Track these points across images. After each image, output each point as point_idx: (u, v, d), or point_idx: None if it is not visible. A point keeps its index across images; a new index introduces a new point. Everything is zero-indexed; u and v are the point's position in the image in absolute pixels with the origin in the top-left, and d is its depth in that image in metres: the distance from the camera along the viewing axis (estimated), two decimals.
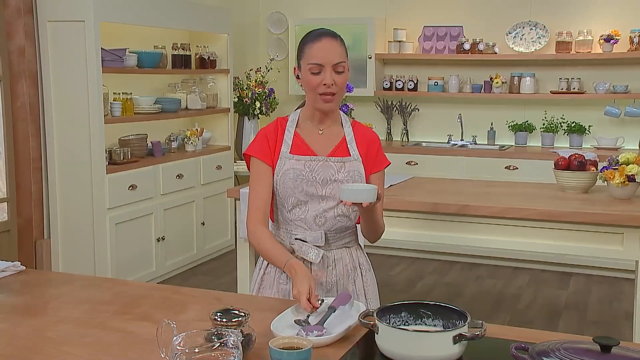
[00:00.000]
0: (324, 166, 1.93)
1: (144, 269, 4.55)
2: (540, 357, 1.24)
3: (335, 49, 1.88)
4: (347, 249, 2.00)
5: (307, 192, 1.92)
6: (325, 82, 1.86)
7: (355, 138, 1.99)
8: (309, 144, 1.96)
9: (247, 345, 1.48)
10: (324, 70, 1.86)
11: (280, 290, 1.98)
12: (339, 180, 1.92)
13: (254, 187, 1.93)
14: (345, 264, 1.99)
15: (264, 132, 1.98)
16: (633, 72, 5.06)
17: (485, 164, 5.13)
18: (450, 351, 1.43)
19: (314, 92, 1.89)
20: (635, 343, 1.56)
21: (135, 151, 4.59)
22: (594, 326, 3.96)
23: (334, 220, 1.95)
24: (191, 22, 5.06)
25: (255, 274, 2.06)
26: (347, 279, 1.99)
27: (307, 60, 1.89)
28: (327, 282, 1.96)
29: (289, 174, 1.92)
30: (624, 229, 2.78)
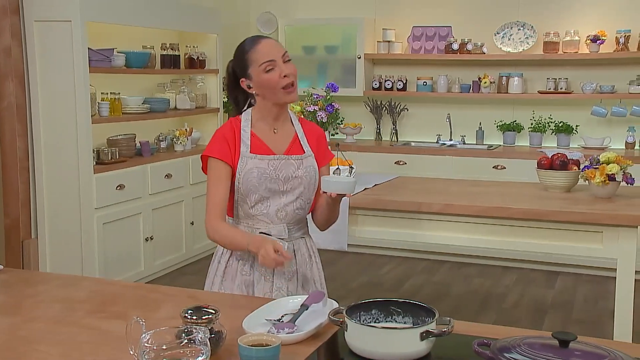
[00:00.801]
0: (286, 164, 2.02)
1: (132, 268, 4.56)
2: (501, 353, 1.26)
3: (275, 43, 2.01)
4: (303, 239, 2.12)
5: (270, 188, 2.00)
6: (284, 72, 1.95)
7: (306, 134, 2.10)
8: (266, 143, 2.03)
9: (217, 342, 1.49)
10: (276, 65, 1.95)
11: (244, 281, 2.05)
12: (299, 177, 2.03)
13: (214, 187, 1.99)
14: (302, 253, 2.11)
15: (221, 133, 2.01)
16: (619, 72, 5.09)
17: (473, 164, 5.15)
18: (417, 347, 1.45)
19: (275, 89, 1.97)
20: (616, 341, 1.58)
21: (124, 151, 4.60)
22: (578, 324, 3.98)
23: (293, 213, 2.05)
24: (180, 22, 5.07)
25: (212, 268, 2.11)
26: (305, 267, 2.11)
27: (257, 63, 1.96)
28: (289, 272, 2.06)
29: (253, 172, 1.98)
30: (603, 228, 2.81)
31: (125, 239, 4.49)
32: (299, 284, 2.10)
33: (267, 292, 2.04)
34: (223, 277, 2.06)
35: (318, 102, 3.59)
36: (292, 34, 5.89)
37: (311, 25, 5.84)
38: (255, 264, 2.05)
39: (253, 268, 2.05)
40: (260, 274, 2.04)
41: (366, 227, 3.18)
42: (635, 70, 5.04)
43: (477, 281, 4.84)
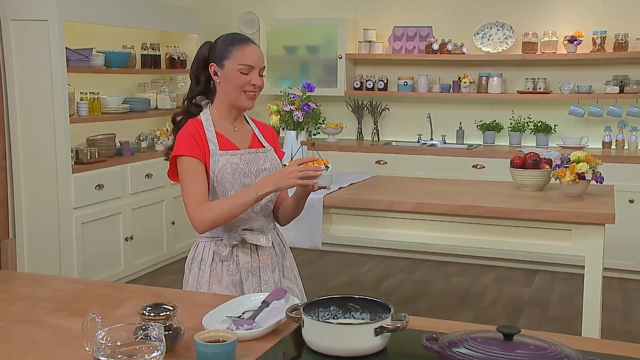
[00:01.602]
0: (255, 157, 2.07)
1: (112, 268, 4.56)
2: (449, 347, 1.29)
3: (261, 55, 2.06)
4: (275, 230, 2.17)
5: (244, 183, 2.02)
6: (255, 82, 2.01)
7: (261, 132, 2.17)
8: (230, 139, 2.06)
9: (175, 338, 1.51)
10: (252, 72, 2.00)
11: (232, 281, 2.06)
12: (267, 169, 2.08)
13: (192, 182, 1.97)
14: (278, 244, 2.17)
15: (188, 132, 2.00)
16: (596, 72, 5.15)
17: (453, 163, 5.18)
18: (372, 343, 1.47)
19: (238, 90, 2.01)
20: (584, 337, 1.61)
21: (103, 151, 4.60)
22: (553, 321, 4.03)
23: (265, 206, 2.09)
24: (161, 22, 5.08)
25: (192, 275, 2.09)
26: (282, 258, 2.17)
27: (238, 61, 1.99)
28: (272, 263, 2.12)
29: (227, 168, 2.00)
30: (572, 226, 2.85)
31: (105, 239, 4.49)
32: (281, 274, 2.15)
33: (256, 287, 2.06)
34: (210, 282, 2.06)
35: (295, 102, 3.61)
36: (273, 34, 5.91)
37: (293, 25, 5.86)
38: (240, 261, 2.06)
39: (239, 266, 2.06)
40: (247, 270, 2.06)
41: (340, 225, 3.20)
42: (611, 70, 5.09)
43: (456, 280, 4.88)
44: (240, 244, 2.07)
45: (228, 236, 2.06)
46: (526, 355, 1.23)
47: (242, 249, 2.07)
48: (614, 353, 1.44)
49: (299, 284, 2.23)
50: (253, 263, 2.07)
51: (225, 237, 2.06)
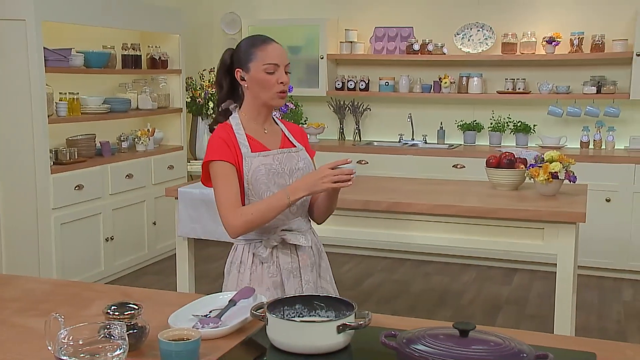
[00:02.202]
0: (288, 157, 2.07)
1: (92, 269, 4.55)
2: (407, 344, 1.31)
3: (284, 52, 2.06)
4: (311, 231, 2.16)
5: (279, 183, 2.03)
6: (282, 80, 2.00)
7: (290, 132, 2.15)
8: (261, 142, 2.06)
9: (140, 337, 1.52)
10: (278, 70, 2.00)
11: (272, 283, 2.05)
12: (301, 169, 2.07)
13: (225, 187, 1.97)
14: (315, 243, 2.15)
15: (219, 137, 2.01)
16: (574, 73, 5.20)
17: (434, 163, 5.22)
18: (334, 340, 1.49)
19: (270, 91, 2.00)
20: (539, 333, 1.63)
21: (83, 151, 4.59)
22: (530, 319, 4.07)
23: (301, 206, 2.09)
24: (141, 22, 5.08)
25: (231, 279, 2.08)
26: (319, 257, 2.16)
27: (262, 61, 1.99)
28: (311, 263, 2.11)
29: (261, 170, 2.00)
30: (544, 224, 2.88)
31: (85, 240, 4.49)
32: (318, 275, 2.15)
33: (297, 288, 2.06)
34: (250, 284, 2.04)
35: None
36: (255, 34, 5.90)
37: (275, 25, 5.87)
38: (280, 262, 2.06)
39: (279, 267, 2.06)
40: (289, 271, 2.06)
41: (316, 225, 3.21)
42: (589, 71, 5.15)
43: (436, 279, 4.92)
44: (280, 245, 2.06)
45: (267, 238, 2.05)
46: (481, 350, 1.26)
47: (282, 250, 2.06)
48: (567, 347, 1.47)
49: (333, 285, 2.22)
50: (293, 264, 2.07)
51: (264, 239, 2.05)
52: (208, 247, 5.55)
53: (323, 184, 1.90)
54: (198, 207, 3.34)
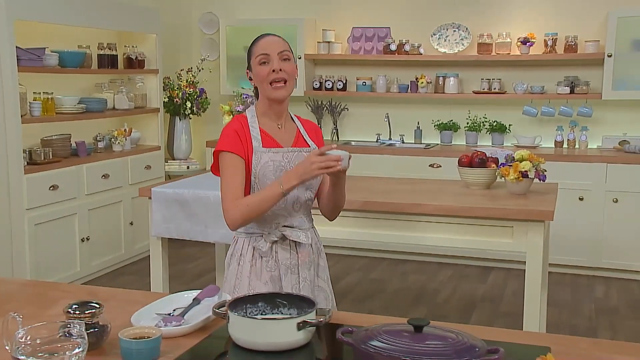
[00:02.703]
0: (298, 156, 2.06)
1: (67, 269, 4.53)
2: (363, 340, 1.33)
3: (278, 41, 2.06)
4: (313, 229, 2.18)
5: None
6: (273, 67, 1.99)
7: (306, 130, 2.16)
8: (274, 137, 2.07)
9: (101, 336, 1.52)
10: (270, 59, 2.00)
11: (270, 277, 2.07)
12: None
13: (230, 178, 1.99)
14: (315, 242, 2.17)
15: (232, 128, 2.04)
16: (548, 73, 5.26)
17: (411, 163, 5.25)
18: (295, 337, 1.50)
19: (265, 83, 2.01)
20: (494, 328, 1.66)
21: (58, 151, 4.56)
22: (504, 317, 4.12)
23: (305, 204, 2.11)
24: (118, 22, 5.05)
25: (232, 271, 2.10)
26: (318, 256, 2.17)
27: (255, 54, 2.04)
28: (309, 261, 2.12)
29: (269, 166, 2.02)
30: (513, 223, 2.92)
31: (60, 240, 4.46)
32: (315, 274, 2.15)
33: (294, 285, 2.07)
34: (250, 277, 2.07)
35: (247, 102, 3.63)
36: (233, 34, 5.92)
37: (252, 25, 5.88)
38: (279, 257, 2.07)
39: (278, 263, 2.07)
40: (287, 267, 2.07)
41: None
42: (562, 71, 5.21)
43: (413, 277, 4.95)
44: (280, 240, 2.07)
45: (268, 232, 2.07)
46: (434, 345, 1.28)
47: (281, 246, 2.08)
48: (523, 342, 1.50)
49: (329, 286, 2.22)
50: (292, 260, 2.08)
51: (265, 233, 2.07)
52: (185, 247, 5.55)
53: (312, 171, 1.90)
54: (172, 206, 3.34)
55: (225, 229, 3.26)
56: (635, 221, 4.73)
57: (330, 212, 2.18)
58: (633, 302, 4.37)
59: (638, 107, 5.09)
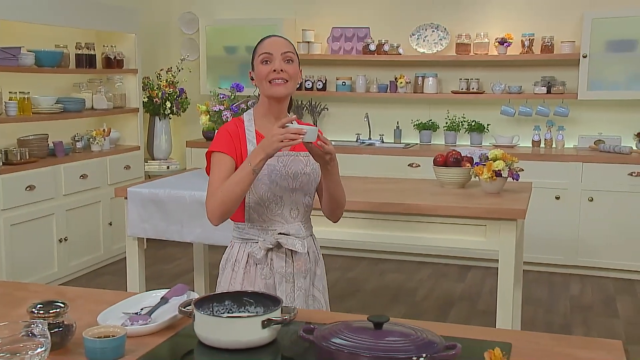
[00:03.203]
0: (295, 160, 2.02)
1: (45, 270, 4.50)
2: (323, 337, 1.34)
3: (282, 42, 2.03)
4: (312, 237, 2.14)
5: (281, 185, 2.01)
6: (275, 67, 1.96)
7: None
8: None
9: (65, 335, 1.52)
10: (272, 59, 1.97)
11: (265, 285, 2.03)
12: (307, 174, 2.04)
13: (216, 176, 1.97)
14: (313, 250, 2.13)
15: (226, 130, 2.02)
16: (525, 73, 5.32)
17: (390, 162, 5.28)
18: (259, 335, 1.51)
19: (264, 81, 1.98)
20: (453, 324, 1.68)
21: (35, 151, 4.54)
22: (481, 315, 4.15)
23: (304, 211, 2.08)
24: (96, 21, 5.03)
25: (225, 277, 2.07)
26: (315, 265, 2.13)
27: (258, 53, 2.01)
28: (305, 270, 2.08)
29: (264, 170, 1.98)
30: (486, 221, 2.94)
31: (37, 241, 4.43)
32: (311, 283, 2.11)
33: (289, 294, 2.03)
34: (243, 284, 2.04)
35: (224, 102, 3.64)
36: (213, 34, 5.92)
37: (232, 25, 5.88)
38: (274, 265, 2.03)
39: (273, 270, 2.03)
40: (282, 275, 2.03)
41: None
42: (539, 72, 5.27)
43: (392, 276, 4.98)
44: (276, 248, 2.03)
45: (263, 239, 2.03)
46: (393, 341, 1.30)
47: (277, 253, 2.04)
48: (486, 339, 1.52)
49: (325, 295, 2.18)
50: (287, 268, 2.04)
51: (260, 240, 2.03)
52: (165, 247, 5.54)
53: (273, 144, 1.84)
54: (148, 206, 3.34)
55: (201, 229, 3.27)
56: (610, 220, 4.80)
57: (331, 212, 2.13)
58: (607, 300, 4.43)
59: (613, 107, 5.16)
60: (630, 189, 4.73)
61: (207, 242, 3.32)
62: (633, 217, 4.74)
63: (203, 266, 4.00)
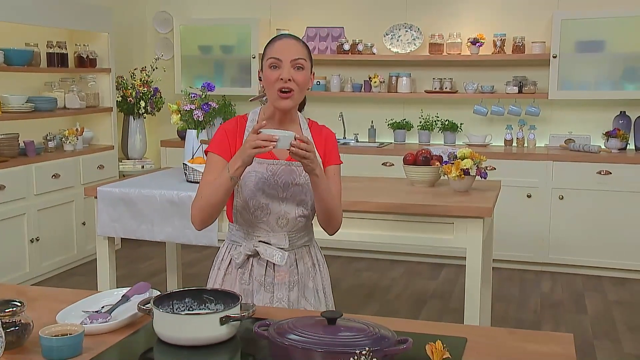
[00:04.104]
0: (286, 170, 1.94)
1: (16, 270, 4.46)
2: (278, 333, 1.35)
3: (295, 46, 1.92)
4: (306, 248, 2.05)
5: (268, 194, 1.94)
6: (282, 76, 1.87)
7: (314, 138, 2.00)
8: None
9: (22, 334, 1.52)
10: (282, 66, 1.88)
11: (243, 290, 1.99)
12: (300, 184, 1.95)
13: (204, 178, 1.94)
14: (305, 262, 2.04)
15: (223, 128, 1.98)
16: (497, 73, 5.37)
17: (365, 161, 5.31)
18: (217, 332, 1.52)
19: (272, 89, 1.90)
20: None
21: (5, 151, 4.50)
22: (453, 312, 4.19)
23: (295, 221, 1.98)
24: (68, 20, 5.00)
25: (212, 275, 2.05)
26: (307, 277, 2.04)
27: (267, 56, 1.92)
28: (290, 282, 2.00)
29: (251, 176, 1.93)
30: (454, 219, 2.98)
31: (8, 241, 4.39)
32: (301, 294, 2.03)
33: (266, 303, 1.98)
34: (222, 285, 2.01)
35: (195, 101, 3.64)
36: (188, 33, 5.90)
37: (207, 25, 5.87)
38: (254, 272, 1.99)
39: (252, 277, 1.99)
40: (260, 283, 1.99)
41: None
42: (511, 71, 5.33)
43: (366, 275, 5.01)
44: (257, 255, 1.99)
45: (245, 244, 1.99)
46: (346, 336, 1.32)
47: (258, 260, 1.99)
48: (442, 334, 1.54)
49: (320, 308, 2.06)
50: (267, 278, 1.99)
51: (243, 244, 2.00)
52: (140, 247, 5.52)
53: (245, 150, 1.78)
54: (118, 206, 3.33)
55: (171, 228, 3.27)
56: (580, 217, 4.87)
57: (324, 223, 2.00)
58: (576, 296, 4.49)
59: (583, 107, 5.24)
60: (599, 187, 4.81)
61: (178, 241, 3.32)
62: (602, 214, 4.82)
63: (176, 265, 4.00)
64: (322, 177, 1.88)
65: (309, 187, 1.94)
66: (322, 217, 1.98)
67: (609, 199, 4.80)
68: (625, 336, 3.80)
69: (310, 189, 1.94)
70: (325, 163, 2.00)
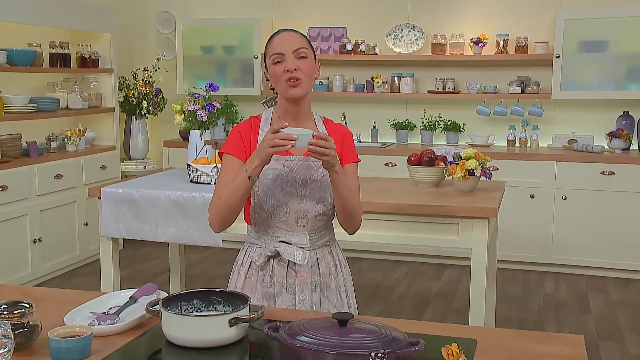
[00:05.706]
0: (304, 166, 1.93)
1: (19, 271, 4.46)
2: (289, 335, 1.35)
3: (293, 37, 1.92)
4: (327, 247, 2.03)
5: (287, 192, 1.92)
6: (288, 67, 1.86)
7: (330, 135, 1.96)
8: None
9: (30, 336, 1.51)
10: (284, 58, 1.88)
11: (265, 293, 1.98)
12: (318, 180, 1.93)
13: (221, 180, 1.92)
14: (327, 262, 2.01)
15: (237, 129, 1.97)
16: (500, 73, 5.37)
17: (367, 161, 5.24)
18: (226, 333, 1.52)
19: (280, 82, 1.89)
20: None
21: (8, 151, 4.49)
22: (456, 312, 4.19)
23: (315, 220, 1.96)
24: (70, 20, 4.99)
25: (232, 279, 2.03)
26: (329, 277, 2.01)
27: (269, 54, 1.92)
28: (312, 282, 1.97)
29: (268, 174, 1.91)
30: (459, 220, 2.97)
31: (10, 241, 4.39)
32: (323, 295, 2.00)
33: (289, 305, 1.95)
34: (243, 289, 1.98)
35: (198, 102, 3.63)
36: (190, 33, 5.89)
37: (209, 25, 5.87)
38: (275, 274, 1.97)
39: (273, 279, 1.97)
40: (281, 285, 1.96)
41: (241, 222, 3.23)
42: (514, 71, 5.33)
43: (369, 275, 5.00)
44: (278, 256, 1.96)
45: (265, 245, 1.97)
46: (357, 338, 1.31)
47: (278, 262, 1.96)
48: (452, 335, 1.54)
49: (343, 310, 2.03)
50: (289, 279, 1.96)
51: (263, 245, 1.97)
52: (143, 247, 5.52)
53: (263, 149, 1.76)
54: (121, 206, 3.32)
55: (175, 228, 3.26)
56: (583, 218, 4.86)
57: (344, 222, 1.98)
58: (579, 297, 4.49)
59: (586, 107, 5.23)
60: (602, 187, 4.80)
61: (182, 242, 3.32)
62: (605, 215, 4.81)
63: (179, 266, 3.99)
64: (341, 173, 1.86)
65: (327, 183, 1.92)
66: (342, 216, 1.96)
67: (612, 199, 4.79)
68: (630, 337, 3.80)
69: (329, 185, 1.92)
70: (342, 161, 1.97)
